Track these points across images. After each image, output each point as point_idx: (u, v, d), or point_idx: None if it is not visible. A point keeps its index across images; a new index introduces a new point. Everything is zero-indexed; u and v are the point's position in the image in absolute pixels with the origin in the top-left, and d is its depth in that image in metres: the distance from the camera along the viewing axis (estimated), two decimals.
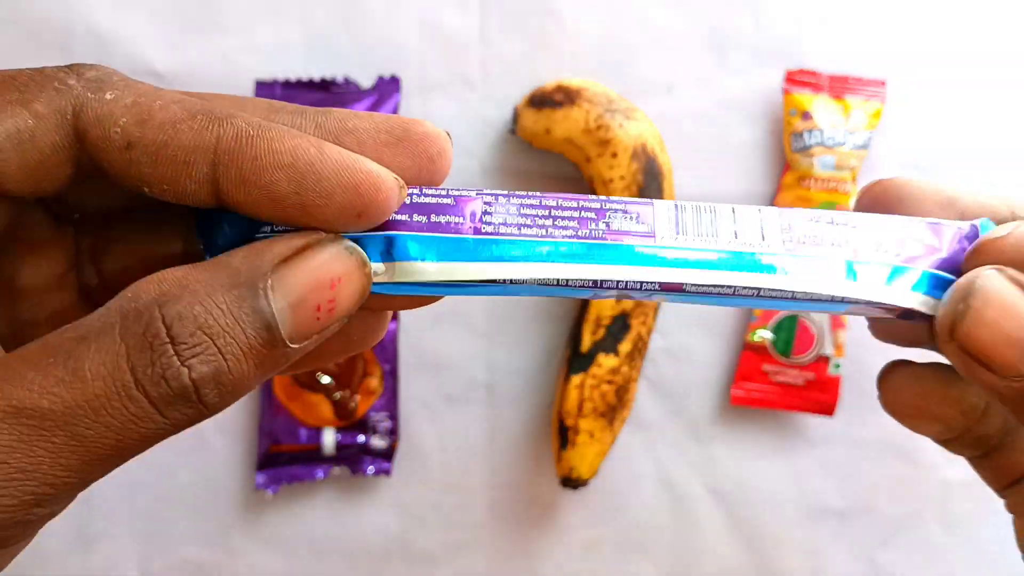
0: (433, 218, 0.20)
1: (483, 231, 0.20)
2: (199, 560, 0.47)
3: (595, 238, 0.20)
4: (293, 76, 0.46)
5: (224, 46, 0.46)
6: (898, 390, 0.22)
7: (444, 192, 0.20)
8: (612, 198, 0.21)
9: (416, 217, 0.20)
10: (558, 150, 0.45)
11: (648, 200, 0.21)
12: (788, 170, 0.47)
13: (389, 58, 0.46)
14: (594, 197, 0.21)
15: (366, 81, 0.46)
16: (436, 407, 0.47)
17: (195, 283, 0.16)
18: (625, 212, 0.21)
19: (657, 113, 0.46)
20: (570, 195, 0.21)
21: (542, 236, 0.20)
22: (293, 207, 0.17)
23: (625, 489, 0.48)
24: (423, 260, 0.19)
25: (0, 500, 0.16)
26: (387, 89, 0.46)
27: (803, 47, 0.47)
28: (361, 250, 0.19)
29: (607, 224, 0.20)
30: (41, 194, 0.18)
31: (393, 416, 0.46)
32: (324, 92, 0.45)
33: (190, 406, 0.16)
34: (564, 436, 0.44)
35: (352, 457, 0.46)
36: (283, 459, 0.46)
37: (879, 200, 0.22)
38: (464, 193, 0.20)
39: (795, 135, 0.46)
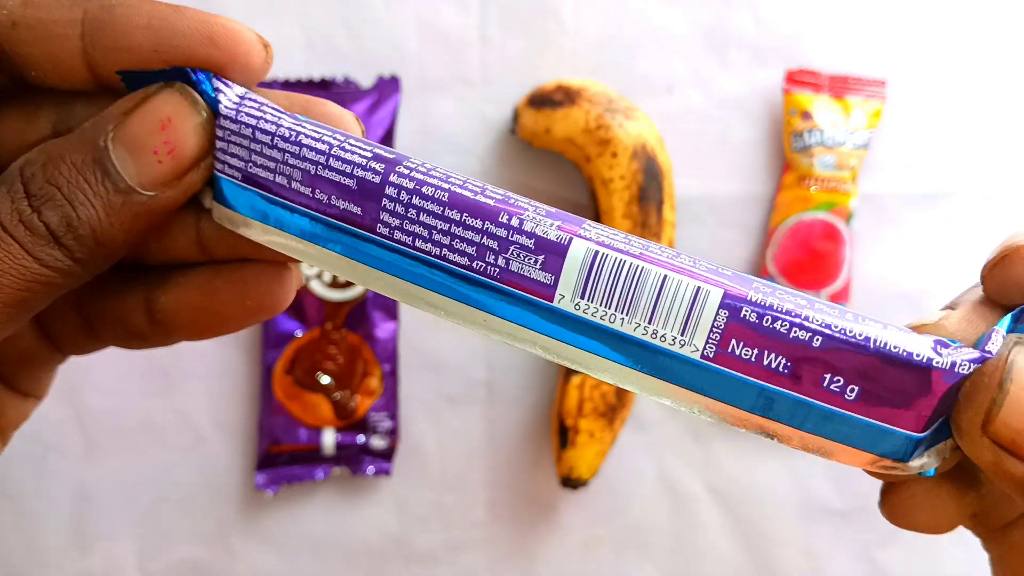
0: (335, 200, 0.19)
1: (378, 232, 0.19)
2: (199, 560, 0.47)
3: (486, 277, 0.18)
4: (293, 76, 0.46)
5: None
6: (909, 508, 0.20)
7: (370, 160, 0.19)
8: (525, 225, 0.18)
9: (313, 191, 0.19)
10: (558, 150, 0.45)
11: (568, 233, 0.18)
12: (788, 170, 0.47)
13: (389, 58, 0.46)
14: (509, 215, 0.18)
15: (366, 81, 0.46)
16: (436, 407, 0.47)
17: (51, 147, 0.19)
18: (530, 252, 0.18)
19: (657, 113, 0.46)
20: (486, 206, 0.18)
21: (433, 255, 0.18)
22: (157, 67, 0.19)
23: (625, 489, 0.48)
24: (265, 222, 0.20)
25: None
26: (387, 89, 0.46)
27: (803, 47, 0.47)
28: (193, 91, 0.19)
29: (506, 262, 0.18)
30: None
31: (393, 416, 0.46)
32: (324, 92, 0.45)
33: (53, 248, 0.18)
34: (564, 436, 0.44)
35: (352, 457, 0.46)
36: (283, 459, 0.46)
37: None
38: (376, 176, 0.19)
39: (795, 135, 0.46)
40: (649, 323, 0.17)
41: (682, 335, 0.17)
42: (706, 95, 0.47)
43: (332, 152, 0.19)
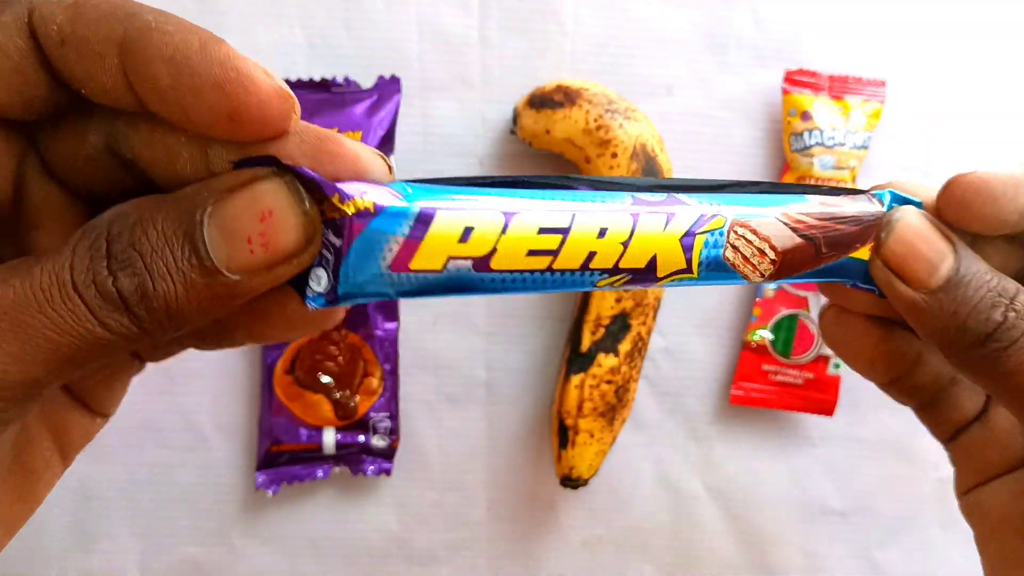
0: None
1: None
2: (199, 560, 0.47)
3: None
4: (293, 76, 0.46)
5: None
6: (830, 321, 0.26)
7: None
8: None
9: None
10: (558, 150, 0.45)
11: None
12: (788, 170, 0.47)
13: (389, 58, 0.46)
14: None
15: (366, 81, 0.46)
16: (436, 407, 0.47)
17: (146, 206, 0.18)
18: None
19: (657, 113, 0.46)
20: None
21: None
22: (174, 103, 0.18)
23: (625, 489, 0.48)
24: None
25: None
26: (387, 89, 0.46)
27: (803, 47, 0.47)
28: (300, 187, 0.18)
29: None
30: (26, 114, 0.19)
31: (393, 416, 0.46)
32: (324, 92, 0.45)
33: (122, 315, 0.17)
34: (564, 436, 0.44)
35: (352, 457, 0.46)
36: (283, 459, 0.46)
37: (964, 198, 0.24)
38: None
39: (795, 135, 0.46)
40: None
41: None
42: (706, 96, 0.47)
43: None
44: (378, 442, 0.46)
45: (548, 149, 0.45)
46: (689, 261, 0.21)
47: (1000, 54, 0.48)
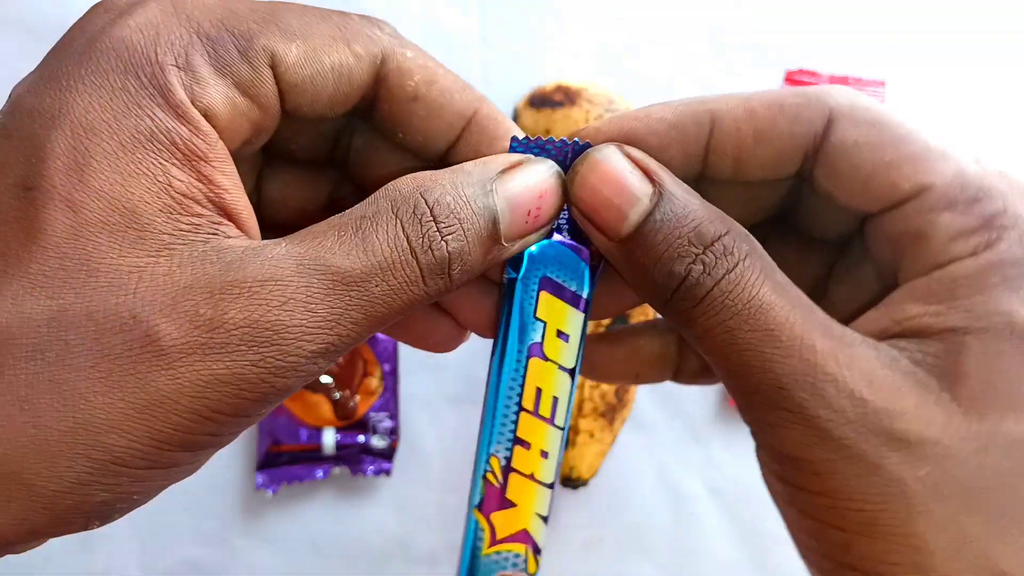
0: None
1: None
2: (199, 560, 0.47)
3: None
4: None
5: None
6: (594, 360, 0.26)
7: None
8: None
9: None
10: None
11: None
12: None
13: None
14: None
15: None
16: (436, 407, 0.47)
17: (443, 179, 0.19)
18: None
19: None
20: None
21: None
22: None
23: (625, 489, 0.48)
24: None
25: (304, 345, 0.18)
26: None
27: (803, 47, 0.47)
28: (562, 172, 0.21)
29: None
30: (323, 118, 0.22)
31: (393, 416, 0.46)
32: None
33: (441, 278, 0.19)
34: None
35: (352, 457, 0.46)
36: (283, 459, 0.46)
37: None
38: None
39: None
40: None
41: None
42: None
43: None
44: (378, 442, 0.46)
45: None
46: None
47: (1000, 54, 0.48)
